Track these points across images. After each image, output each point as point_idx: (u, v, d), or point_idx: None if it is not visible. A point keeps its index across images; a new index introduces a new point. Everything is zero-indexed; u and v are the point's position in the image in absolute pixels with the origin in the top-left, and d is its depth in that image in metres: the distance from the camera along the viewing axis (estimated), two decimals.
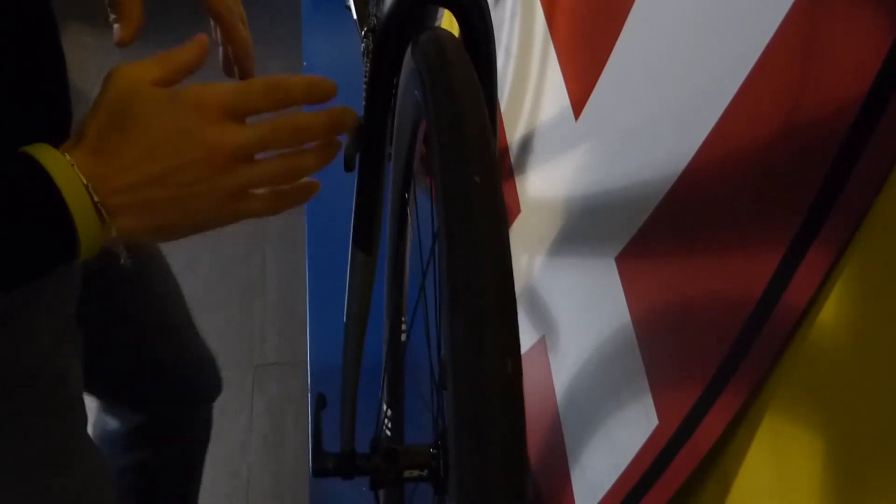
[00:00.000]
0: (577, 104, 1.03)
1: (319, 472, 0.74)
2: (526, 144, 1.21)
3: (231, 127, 0.50)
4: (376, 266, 0.65)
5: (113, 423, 1.14)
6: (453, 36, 0.53)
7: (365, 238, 0.63)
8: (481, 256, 0.36)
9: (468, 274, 0.35)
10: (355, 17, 1.12)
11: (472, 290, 0.35)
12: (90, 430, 1.16)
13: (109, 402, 1.10)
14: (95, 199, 0.48)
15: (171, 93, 0.50)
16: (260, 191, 0.53)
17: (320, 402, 0.72)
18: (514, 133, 1.26)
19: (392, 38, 0.56)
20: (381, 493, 0.81)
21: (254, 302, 2.00)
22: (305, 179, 0.55)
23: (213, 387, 1.18)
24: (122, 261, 0.51)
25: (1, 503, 0.73)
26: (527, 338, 1.18)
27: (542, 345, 1.13)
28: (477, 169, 0.38)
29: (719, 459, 0.77)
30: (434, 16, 0.63)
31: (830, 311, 0.62)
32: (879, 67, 0.54)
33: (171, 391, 1.09)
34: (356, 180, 0.61)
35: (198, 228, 0.53)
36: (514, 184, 1.25)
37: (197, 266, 2.05)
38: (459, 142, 0.40)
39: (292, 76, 0.53)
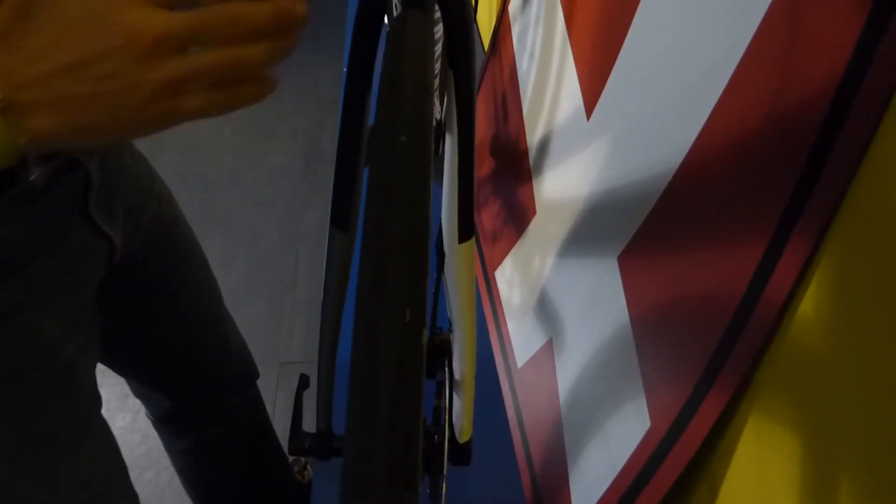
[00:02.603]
0: (589, 104, 1.03)
1: (295, 450, 0.74)
2: (543, 146, 1.21)
3: (154, 12, 0.43)
4: (354, 245, 0.66)
5: (150, 409, 1.16)
6: (423, 15, 0.54)
7: (342, 216, 0.63)
8: (395, 209, 0.36)
9: (380, 224, 0.35)
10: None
11: (381, 237, 0.35)
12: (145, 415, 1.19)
13: (141, 387, 1.11)
14: None
15: None
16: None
17: (302, 383, 0.72)
18: (533, 135, 1.27)
19: (372, 8, 0.56)
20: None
21: (284, 300, 2.02)
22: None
23: (245, 374, 1.18)
24: (31, 177, 0.44)
25: (7, 485, 0.74)
26: (535, 340, 1.17)
27: (549, 347, 1.12)
28: (404, 129, 0.39)
29: (707, 460, 0.77)
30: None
31: (807, 310, 0.61)
32: (844, 67, 0.54)
33: (198, 378, 1.10)
34: (336, 155, 0.61)
35: (127, 129, 0.45)
36: (532, 186, 1.25)
37: (232, 262, 2.09)
38: (392, 102, 0.40)
39: None
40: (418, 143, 0.39)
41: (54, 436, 0.75)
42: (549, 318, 1.13)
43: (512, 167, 1.34)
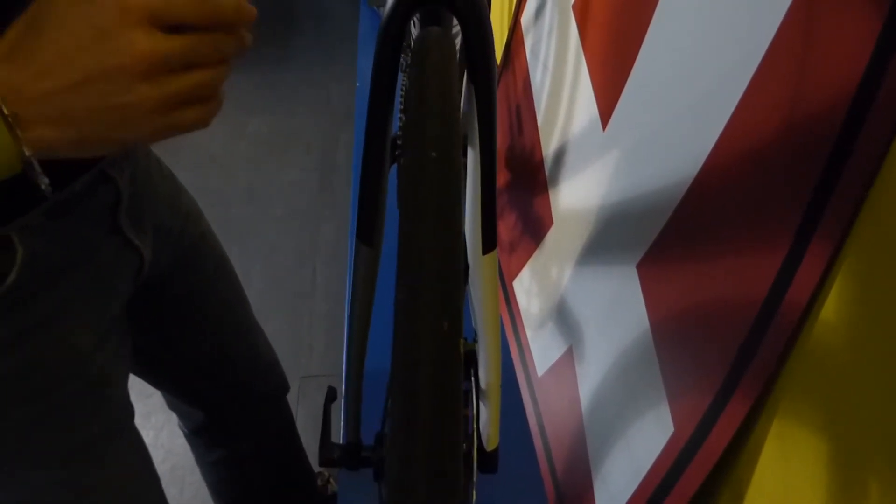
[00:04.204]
0: (605, 114, 1.04)
1: (325, 461, 0.75)
2: (559, 157, 1.22)
3: (157, 34, 0.45)
4: (379, 259, 0.67)
5: (183, 421, 1.18)
6: (443, 32, 0.55)
7: (367, 230, 0.64)
8: (429, 224, 0.37)
9: (415, 239, 0.37)
10: None
11: (416, 253, 0.36)
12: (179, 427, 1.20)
13: (174, 400, 1.13)
14: (5, 111, 0.43)
15: None
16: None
17: (330, 396, 0.73)
18: (549, 147, 1.28)
19: (394, 27, 0.57)
20: None
21: (302, 314, 2.04)
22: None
23: (276, 387, 1.20)
24: (42, 187, 0.47)
25: (40, 492, 0.76)
26: (555, 348, 1.18)
27: (569, 355, 1.13)
28: (434, 145, 0.40)
29: (731, 466, 0.77)
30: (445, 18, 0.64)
31: (829, 314, 0.62)
32: (862, 72, 0.55)
33: (230, 391, 1.11)
34: (360, 170, 0.62)
35: (126, 142, 0.48)
36: (548, 197, 1.26)
37: (249, 277, 2.10)
38: (421, 120, 0.42)
39: None
40: (448, 158, 0.40)
41: (87, 444, 0.77)
42: (569, 327, 1.14)
43: (528, 178, 1.35)
